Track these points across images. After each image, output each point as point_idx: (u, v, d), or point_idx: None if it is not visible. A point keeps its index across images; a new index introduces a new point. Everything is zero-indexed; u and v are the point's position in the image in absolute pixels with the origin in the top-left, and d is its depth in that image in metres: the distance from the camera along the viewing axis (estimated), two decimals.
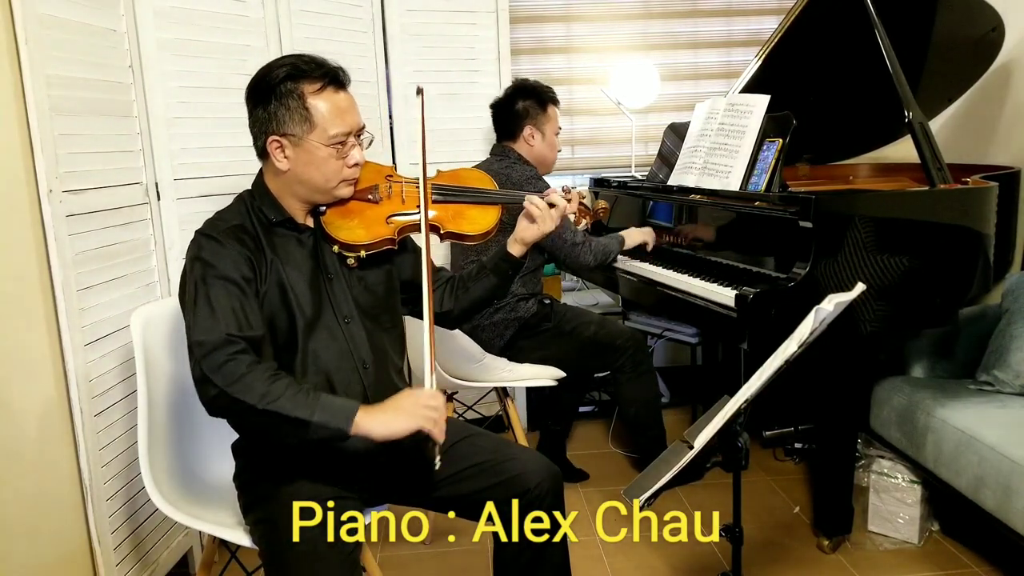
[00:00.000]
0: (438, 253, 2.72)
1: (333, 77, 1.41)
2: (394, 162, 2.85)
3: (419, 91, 1.54)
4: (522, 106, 2.53)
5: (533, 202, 1.60)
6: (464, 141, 2.90)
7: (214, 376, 1.28)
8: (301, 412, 1.27)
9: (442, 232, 1.57)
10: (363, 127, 1.47)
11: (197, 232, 1.41)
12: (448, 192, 1.59)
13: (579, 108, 3.45)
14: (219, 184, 2.16)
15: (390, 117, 2.87)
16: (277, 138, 1.40)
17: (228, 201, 1.52)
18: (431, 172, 1.60)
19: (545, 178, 2.53)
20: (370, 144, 1.49)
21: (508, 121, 2.56)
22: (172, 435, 1.63)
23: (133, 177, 1.94)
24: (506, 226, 1.69)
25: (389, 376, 1.55)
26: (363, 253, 1.48)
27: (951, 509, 2.29)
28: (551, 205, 1.62)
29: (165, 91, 2.02)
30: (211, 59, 2.16)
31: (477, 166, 2.57)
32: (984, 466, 1.88)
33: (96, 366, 1.74)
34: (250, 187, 1.50)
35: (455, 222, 1.57)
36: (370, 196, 1.51)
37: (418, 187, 1.52)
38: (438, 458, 1.36)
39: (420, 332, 1.41)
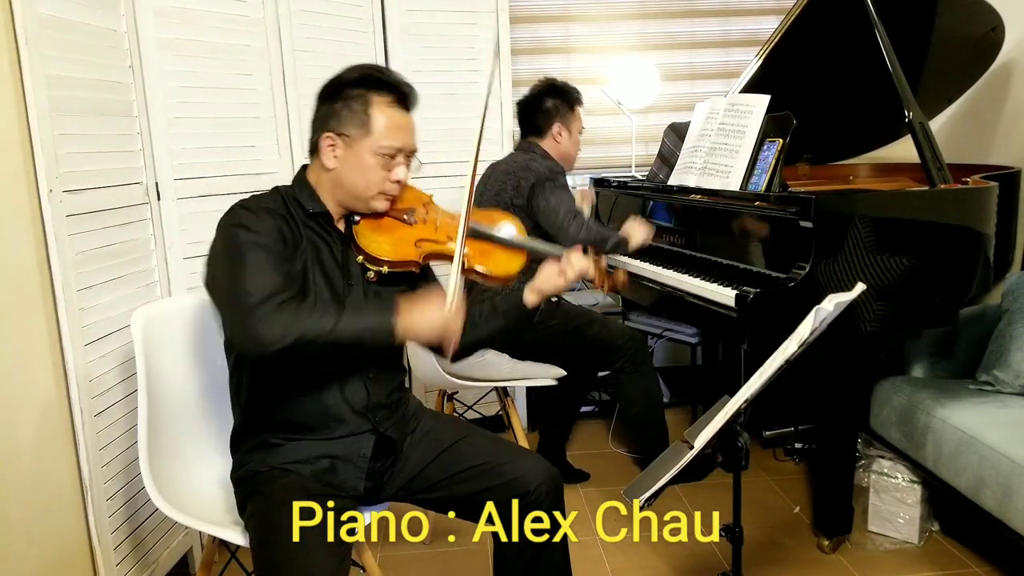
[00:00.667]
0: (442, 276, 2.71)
1: (403, 96, 1.46)
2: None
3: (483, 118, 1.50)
4: (552, 104, 2.58)
5: (571, 260, 1.53)
6: (464, 141, 2.90)
7: (275, 319, 1.28)
8: (351, 335, 1.32)
9: (466, 268, 1.53)
10: (415, 151, 1.50)
11: (234, 205, 1.42)
12: (482, 233, 1.57)
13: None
14: (219, 184, 2.16)
15: None
16: (332, 135, 1.44)
17: (228, 201, 1.51)
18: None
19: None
20: (418, 169, 1.51)
21: (537, 117, 2.60)
22: (172, 435, 1.63)
23: (133, 177, 1.94)
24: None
25: (390, 386, 1.55)
26: (386, 269, 1.48)
27: (951, 509, 2.29)
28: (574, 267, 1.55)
29: (165, 91, 2.02)
30: (211, 59, 2.16)
31: (500, 160, 2.58)
32: (984, 466, 1.88)
33: (96, 366, 1.74)
34: (289, 183, 1.52)
35: (481, 260, 1.54)
36: (405, 216, 1.53)
37: (451, 220, 1.54)
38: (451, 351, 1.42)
39: None
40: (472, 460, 1.53)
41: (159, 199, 2.03)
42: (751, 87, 2.56)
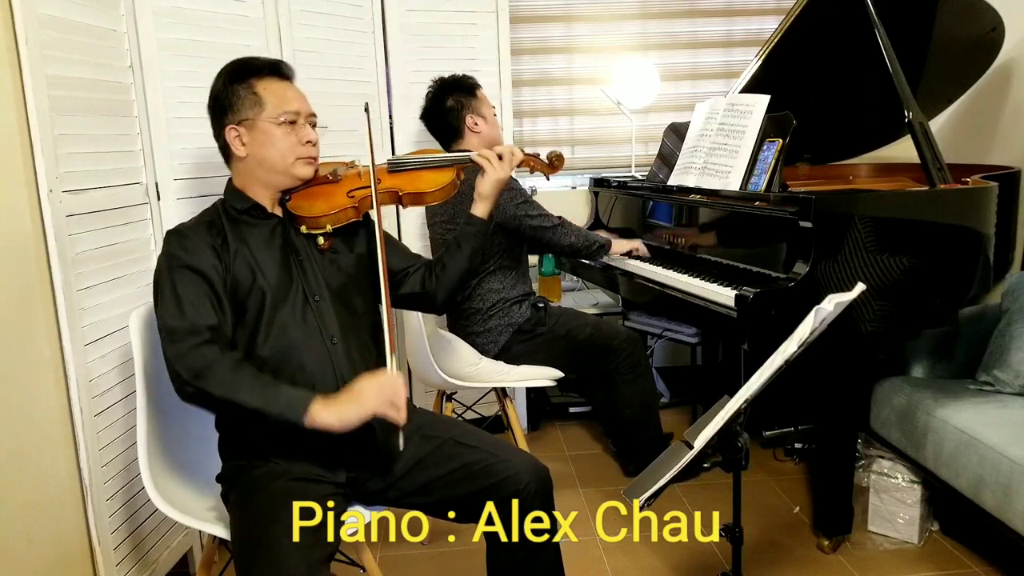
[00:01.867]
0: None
1: (274, 68, 1.54)
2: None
3: (366, 108, 1.65)
4: (453, 101, 2.46)
5: (482, 154, 1.68)
6: None
7: (179, 366, 1.35)
8: (258, 403, 1.34)
9: (402, 195, 1.65)
10: (314, 115, 1.57)
11: (168, 231, 1.49)
12: (401, 163, 1.70)
13: (579, 108, 3.45)
14: (219, 184, 2.13)
15: (390, 117, 2.87)
16: (234, 126, 1.51)
17: None
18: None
19: (550, 179, 2.52)
20: (323, 133, 1.59)
21: (446, 122, 2.47)
22: (171, 435, 1.63)
23: (133, 177, 1.94)
24: (467, 197, 1.76)
25: (359, 354, 1.55)
26: (329, 227, 1.55)
27: (951, 509, 2.29)
28: (499, 157, 1.69)
29: (165, 91, 2.02)
30: (211, 59, 2.14)
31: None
32: (984, 466, 1.88)
33: (96, 366, 1.74)
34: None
35: (413, 184, 1.66)
36: (330, 176, 1.61)
37: (369, 167, 1.61)
38: (401, 439, 1.40)
39: (414, 329, 1.42)
40: (459, 459, 1.53)
41: (159, 199, 2.03)
42: (751, 87, 2.56)
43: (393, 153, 2.87)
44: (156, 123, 2.00)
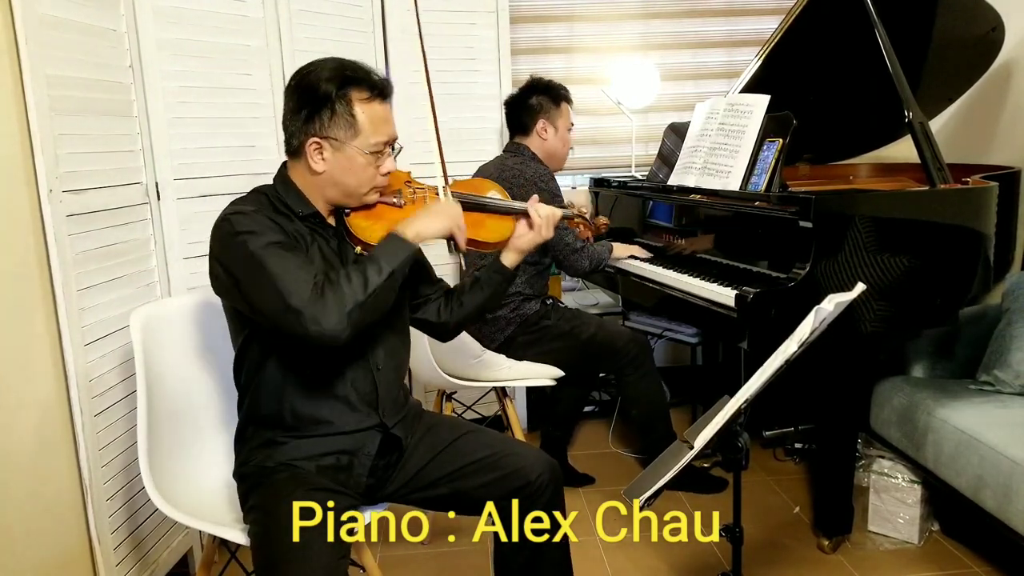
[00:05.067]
0: (443, 264, 2.71)
1: (381, 89, 1.45)
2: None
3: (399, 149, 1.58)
4: (536, 101, 2.57)
5: (537, 210, 1.62)
6: (464, 141, 2.90)
7: (326, 313, 1.27)
8: (387, 269, 1.34)
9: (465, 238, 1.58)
10: (396, 138, 1.50)
11: (224, 213, 1.39)
12: (467, 201, 1.60)
13: (579, 108, 3.41)
14: (219, 184, 2.16)
15: None
16: (318, 140, 1.41)
17: (228, 201, 1.51)
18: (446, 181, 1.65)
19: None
20: (398, 153, 1.52)
21: (521, 115, 2.59)
22: (172, 435, 1.63)
23: (133, 177, 1.94)
24: None
25: (397, 381, 1.57)
26: None
27: (951, 509, 2.29)
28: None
29: (165, 91, 2.02)
30: (211, 59, 2.16)
31: (489, 163, 2.59)
32: (984, 466, 1.88)
33: (96, 366, 1.74)
34: (271, 182, 1.50)
35: (474, 230, 1.59)
36: (394, 200, 1.55)
37: (437, 193, 1.57)
38: (461, 256, 1.47)
39: (415, 339, 1.44)
40: (473, 455, 1.54)
41: (159, 199, 2.03)
42: (751, 87, 2.56)
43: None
44: (156, 123, 2.00)
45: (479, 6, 2.91)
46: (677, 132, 2.69)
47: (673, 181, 2.57)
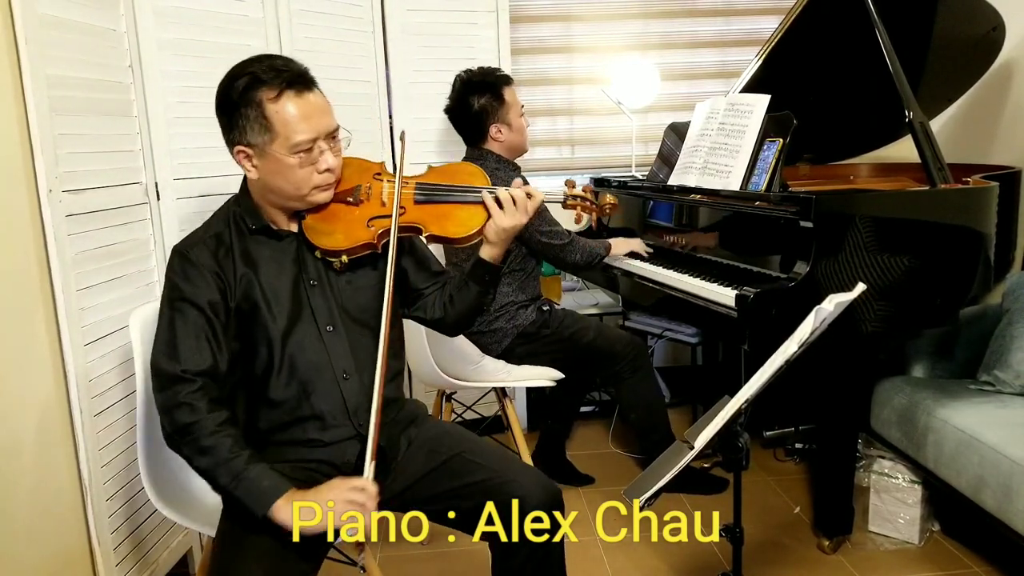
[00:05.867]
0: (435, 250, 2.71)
1: (292, 81, 1.35)
2: (394, 163, 2.85)
3: (401, 136, 1.54)
4: (479, 105, 2.38)
5: (497, 195, 1.46)
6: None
7: (165, 417, 1.33)
8: (225, 482, 1.30)
9: (425, 235, 1.49)
10: (335, 128, 1.41)
11: (174, 247, 1.42)
12: (432, 191, 1.50)
13: (579, 108, 3.44)
14: (219, 184, 2.16)
15: (390, 117, 2.87)
16: (242, 147, 1.38)
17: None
18: (422, 170, 1.58)
19: (546, 178, 2.51)
20: (348, 145, 1.45)
21: (470, 126, 2.44)
22: None
23: (133, 177, 1.94)
24: None
25: (372, 389, 1.43)
26: (345, 258, 1.44)
27: (951, 509, 2.29)
28: (528, 196, 1.47)
29: (165, 91, 2.02)
30: (211, 59, 2.16)
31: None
32: (984, 466, 1.88)
33: (96, 366, 1.74)
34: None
35: (439, 224, 1.47)
36: (350, 199, 1.46)
37: (394, 191, 1.46)
38: (360, 557, 1.40)
39: (414, 326, 1.36)
40: (469, 478, 1.48)
41: (159, 199, 2.03)
42: (751, 87, 2.56)
43: (394, 155, 2.86)
44: (156, 123, 2.00)
45: (479, 6, 2.91)
46: (677, 132, 2.69)
47: (673, 181, 2.57)
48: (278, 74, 1.34)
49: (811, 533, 2.31)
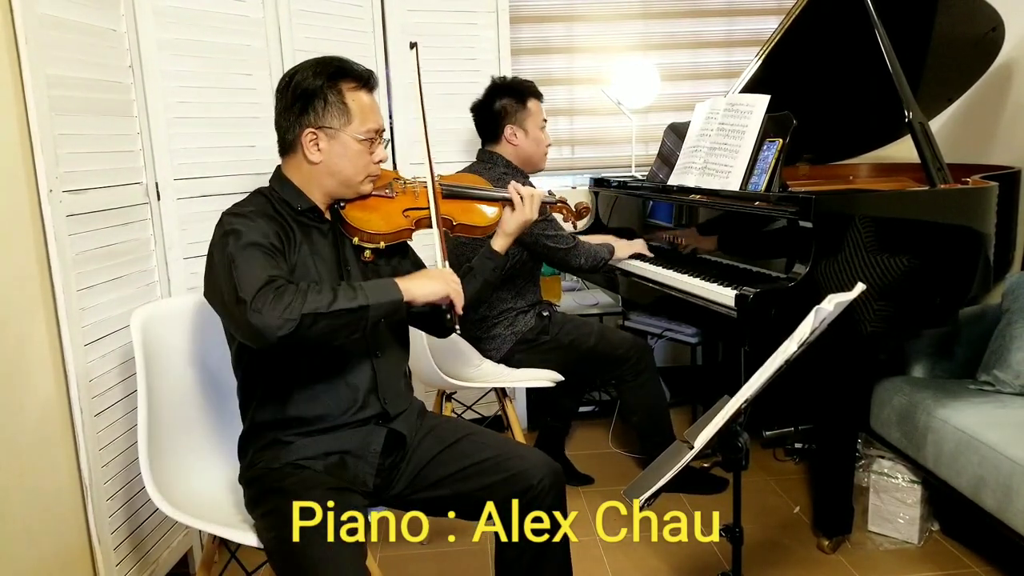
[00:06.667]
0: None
1: (368, 79, 1.53)
2: (394, 162, 2.86)
3: (413, 45, 1.72)
4: (500, 105, 2.42)
5: (518, 190, 1.74)
6: (465, 141, 2.90)
7: (272, 307, 1.27)
8: (360, 300, 1.34)
9: (455, 224, 1.70)
10: (384, 128, 1.56)
11: (224, 213, 1.45)
12: (457, 190, 1.74)
13: (579, 108, 3.45)
14: (219, 184, 2.16)
15: (390, 117, 2.87)
16: (314, 130, 1.47)
17: (228, 201, 1.52)
18: (423, 170, 1.71)
19: (543, 178, 2.51)
20: (387, 146, 1.57)
21: (488, 122, 2.46)
22: (172, 435, 1.63)
23: (133, 177, 1.94)
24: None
25: (397, 370, 1.60)
26: (383, 244, 1.57)
27: (951, 509, 2.29)
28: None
29: (165, 91, 2.02)
30: (211, 59, 2.16)
31: (464, 171, 2.55)
32: (984, 466, 1.88)
33: (96, 366, 1.74)
34: (268, 183, 1.55)
35: (467, 215, 1.71)
36: (386, 192, 1.62)
37: (426, 186, 1.63)
38: (457, 326, 1.51)
39: (415, 339, 1.46)
40: (475, 456, 1.55)
41: (159, 199, 2.03)
42: (751, 87, 2.56)
43: (394, 153, 2.87)
44: (156, 123, 2.01)
45: (479, 6, 2.91)
46: (677, 132, 2.69)
47: (673, 181, 2.57)
48: (354, 68, 1.52)
49: (811, 533, 2.31)
